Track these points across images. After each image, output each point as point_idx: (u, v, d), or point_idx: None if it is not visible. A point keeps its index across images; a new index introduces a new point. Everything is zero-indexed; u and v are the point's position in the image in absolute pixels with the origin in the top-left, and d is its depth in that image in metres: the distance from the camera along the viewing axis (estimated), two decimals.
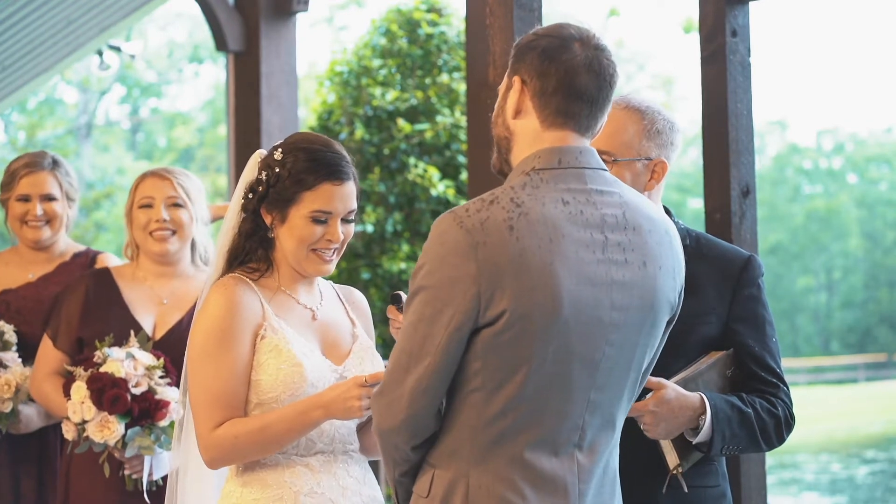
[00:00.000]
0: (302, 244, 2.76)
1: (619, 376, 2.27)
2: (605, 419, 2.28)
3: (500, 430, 2.20)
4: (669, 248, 2.32)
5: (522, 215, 2.17)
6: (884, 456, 18.86)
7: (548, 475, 2.22)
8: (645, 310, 2.26)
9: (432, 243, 2.20)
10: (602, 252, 2.22)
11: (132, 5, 7.55)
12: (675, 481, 2.79)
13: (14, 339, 3.91)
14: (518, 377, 2.18)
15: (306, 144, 2.79)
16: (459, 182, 9.18)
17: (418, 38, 9.60)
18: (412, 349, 2.20)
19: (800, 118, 49.96)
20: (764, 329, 2.89)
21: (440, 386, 2.21)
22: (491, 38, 4.25)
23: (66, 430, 3.58)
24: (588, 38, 2.28)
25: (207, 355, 2.72)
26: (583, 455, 2.26)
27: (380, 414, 2.26)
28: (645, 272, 2.26)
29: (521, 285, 2.14)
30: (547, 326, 2.16)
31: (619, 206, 2.27)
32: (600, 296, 2.20)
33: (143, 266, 3.82)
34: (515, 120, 2.31)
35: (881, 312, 39.93)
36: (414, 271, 2.23)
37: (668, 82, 36.39)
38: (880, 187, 42.25)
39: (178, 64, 34.91)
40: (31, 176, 4.00)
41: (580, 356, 2.20)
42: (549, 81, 2.25)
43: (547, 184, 2.22)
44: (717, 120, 4.27)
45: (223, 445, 2.69)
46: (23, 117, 29.42)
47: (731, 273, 2.88)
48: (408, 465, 2.30)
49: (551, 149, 2.26)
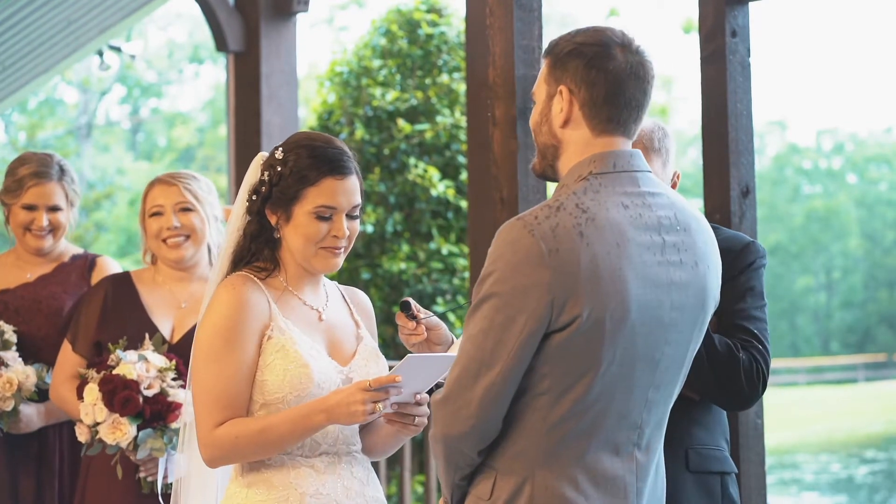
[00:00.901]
0: (309, 242, 2.76)
1: (673, 374, 2.32)
2: (658, 417, 2.33)
3: (565, 433, 2.23)
4: (714, 246, 2.39)
5: (590, 220, 2.21)
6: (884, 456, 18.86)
7: (609, 475, 2.26)
8: (698, 308, 2.32)
9: (502, 251, 2.22)
10: (661, 254, 2.27)
11: (132, 6, 7.55)
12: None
13: (14, 338, 3.91)
14: (585, 380, 2.21)
15: (307, 142, 2.79)
16: (459, 182, 9.18)
17: (418, 39, 9.59)
18: (482, 356, 2.22)
19: (799, 118, 50.01)
20: (745, 297, 2.91)
21: (510, 392, 2.23)
22: (491, 38, 4.26)
23: (79, 433, 3.60)
24: (628, 43, 2.32)
25: (212, 354, 2.71)
26: (641, 453, 2.30)
27: (445, 421, 2.28)
28: (697, 272, 2.32)
29: (594, 291, 2.18)
30: (616, 330, 2.20)
31: (670, 207, 2.32)
32: (661, 297, 2.25)
33: (162, 271, 3.83)
34: (564, 129, 2.33)
35: (881, 312, 39.93)
36: (480, 279, 2.25)
37: (667, 82, 36.37)
38: (880, 187, 42.24)
39: (179, 64, 34.90)
40: (39, 187, 3.99)
41: (643, 357, 2.25)
42: (598, 91, 2.29)
43: (606, 188, 2.26)
44: (717, 120, 4.27)
45: (223, 445, 2.69)
46: (23, 117, 29.41)
47: (727, 258, 2.90)
48: (470, 469, 2.32)
49: (604, 153, 2.30)
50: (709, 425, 2.91)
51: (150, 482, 3.61)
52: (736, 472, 2.97)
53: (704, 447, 2.90)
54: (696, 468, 2.87)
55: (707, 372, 2.82)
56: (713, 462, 2.90)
